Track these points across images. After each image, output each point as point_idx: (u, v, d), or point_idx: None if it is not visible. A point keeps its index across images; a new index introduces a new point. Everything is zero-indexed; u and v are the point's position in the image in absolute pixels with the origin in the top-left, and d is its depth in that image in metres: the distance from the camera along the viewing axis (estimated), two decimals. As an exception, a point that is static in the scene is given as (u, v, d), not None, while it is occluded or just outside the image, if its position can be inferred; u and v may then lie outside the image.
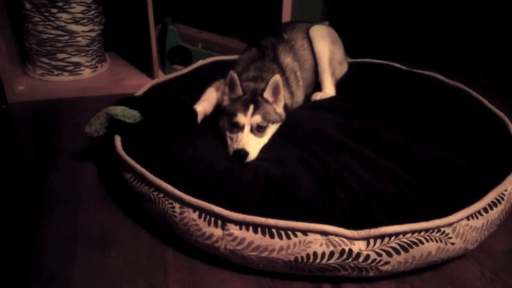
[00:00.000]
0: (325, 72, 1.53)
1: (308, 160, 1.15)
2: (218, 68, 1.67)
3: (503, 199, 1.06)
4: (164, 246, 1.12)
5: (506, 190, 1.08)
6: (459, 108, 1.37)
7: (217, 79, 1.40)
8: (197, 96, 1.36)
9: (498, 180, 1.08)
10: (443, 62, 2.20)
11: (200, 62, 1.75)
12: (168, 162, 1.15)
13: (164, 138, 1.22)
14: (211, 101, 1.33)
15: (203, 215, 1.01)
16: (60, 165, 1.41)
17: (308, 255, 0.96)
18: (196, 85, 1.54)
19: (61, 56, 1.83)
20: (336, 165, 1.12)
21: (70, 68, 1.86)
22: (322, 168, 1.11)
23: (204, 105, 1.30)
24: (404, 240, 0.96)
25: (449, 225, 0.98)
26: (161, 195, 1.08)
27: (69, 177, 1.36)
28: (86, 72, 1.90)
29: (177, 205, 1.05)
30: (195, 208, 1.02)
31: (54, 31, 1.76)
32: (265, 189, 1.04)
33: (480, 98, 1.42)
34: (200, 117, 1.27)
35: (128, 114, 1.25)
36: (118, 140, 1.25)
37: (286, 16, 1.98)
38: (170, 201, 1.06)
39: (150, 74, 1.90)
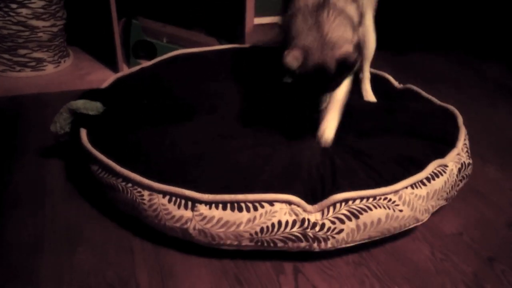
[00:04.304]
0: None
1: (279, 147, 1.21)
2: (183, 61, 1.70)
3: (445, 172, 1.16)
4: (132, 237, 1.14)
5: (447, 166, 1.18)
6: (410, 104, 1.47)
7: None
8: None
9: (440, 156, 1.19)
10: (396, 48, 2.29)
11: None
12: (134, 151, 1.17)
13: (128, 127, 1.24)
14: None
15: (173, 199, 1.05)
16: (25, 162, 1.40)
17: (273, 224, 1.02)
18: (162, 77, 1.57)
19: (22, 51, 1.80)
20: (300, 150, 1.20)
21: (32, 64, 1.84)
22: (290, 155, 1.18)
23: None
24: (354, 207, 1.03)
25: (395, 192, 1.07)
26: (129, 184, 1.10)
27: (35, 173, 1.35)
28: (49, 68, 1.88)
29: (146, 193, 1.07)
30: (164, 193, 1.06)
31: (14, 27, 1.73)
32: (233, 172, 1.10)
33: (429, 97, 1.52)
34: None
35: (90, 106, 1.26)
36: (83, 133, 1.26)
37: (250, 7, 2.02)
38: (139, 189, 1.08)
39: (115, 69, 1.89)
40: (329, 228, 1.03)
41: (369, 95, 1.58)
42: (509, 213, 1.29)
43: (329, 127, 1.24)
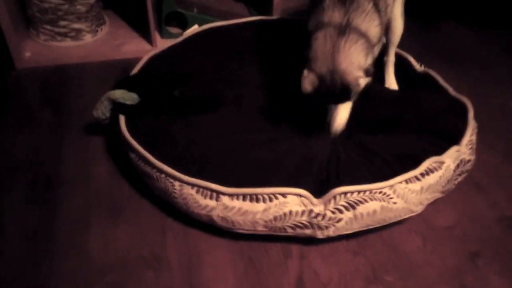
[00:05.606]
0: None
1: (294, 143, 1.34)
2: (210, 37, 1.80)
3: (440, 168, 1.25)
4: (165, 218, 1.33)
5: (444, 163, 1.26)
6: (425, 96, 1.53)
7: None
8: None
9: (439, 153, 1.29)
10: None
11: (195, 27, 1.87)
12: (167, 143, 1.34)
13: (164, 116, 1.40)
14: None
15: (200, 190, 1.22)
16: (72, 138, 1.57)
17: (285, 214, 1.19)
18: (193, 54, 1.70)
19: (63, 23, 1.92)
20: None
21: (72, 34, 1.97)
22: (303, 151, 1.32)
23: None
24: (351, 199, 1.18)
25: (389, 187, 1.20)
26: (163, 175, 1.27)
27: (81, 151, 1.53)
28: (87, 37, 2.01)
29: (177, 183, 1.25)
30: (193, 185, 1.23)
31: (54, 0, 1.85)
32: (253, 168, 1.26)
33: (446, 85, 1.56)
34: None
35: (127, 97, 1.42)
36: (122, 121, 1.42)
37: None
38: (171, 180, 1.25)
39: (148, 39, 2.00)
40: (330, 218, 1.19)
41: (391, 81, 1.64)
42: (502, 208, 1.39)
43: (339, 118, 1.31)
